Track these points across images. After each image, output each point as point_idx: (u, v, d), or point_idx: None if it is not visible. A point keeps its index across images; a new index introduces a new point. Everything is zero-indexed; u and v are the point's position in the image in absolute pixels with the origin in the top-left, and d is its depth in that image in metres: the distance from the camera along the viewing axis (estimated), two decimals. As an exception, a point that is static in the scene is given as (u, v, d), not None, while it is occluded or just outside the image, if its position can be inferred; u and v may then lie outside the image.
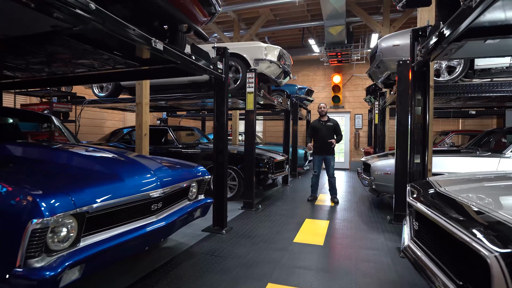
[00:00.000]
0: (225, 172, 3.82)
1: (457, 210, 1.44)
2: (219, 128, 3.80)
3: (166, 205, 2.54)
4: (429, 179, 2.43)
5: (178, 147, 6.02)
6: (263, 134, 13.41)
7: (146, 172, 2.36)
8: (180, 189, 2.75)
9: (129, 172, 2.26)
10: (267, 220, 4.33)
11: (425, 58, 2.76)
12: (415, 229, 1.80)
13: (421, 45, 2.78)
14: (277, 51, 5.65)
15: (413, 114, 3.12)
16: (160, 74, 3.70)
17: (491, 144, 5.66)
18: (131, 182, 2.14)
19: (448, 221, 1.33)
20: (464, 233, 1.23)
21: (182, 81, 6.05)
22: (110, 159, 2.53)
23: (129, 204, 2.05)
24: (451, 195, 1.63)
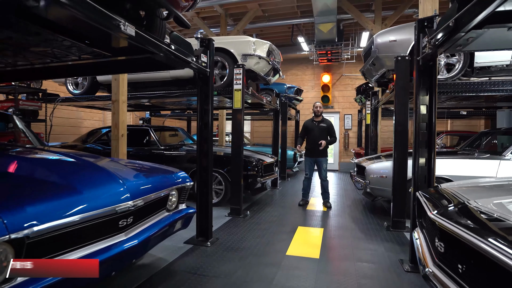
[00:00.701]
0: (210, 177, 3.44)
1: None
2: (203, 128, 3.42)
3: (139, 219, 2.14)
4: (445, 187, 2.12)
5: (160, 149, 5.60)
6: (251, 134, 13.06)
7: (112, 181, 1.96)
8: (157, 199, 2.36)
9: (90, 182, 1.85)
10: (256, 229, 3.97)
11: (434, 50, 2.46)
12: (440, 251, 1.48)
13: (430, 36, 2.49)
14: (266, 46, 5.30)
15: (418, 113, 2.83)
16: (137, 67, 3.30)
17: (487, 146, 5.48)
18: (92, 195, 1.74)
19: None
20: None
21: (164, 77, 5.63)
22: (70, 166, 2.12)
23: (88, 223, 1.65)
24: (494, 213, 1.31)
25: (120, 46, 2.50)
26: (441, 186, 2.25)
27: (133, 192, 2.01)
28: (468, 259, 1.25)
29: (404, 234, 3.83)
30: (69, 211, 1.55)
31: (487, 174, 4.29)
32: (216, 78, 5.24)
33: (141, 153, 5.70)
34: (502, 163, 4.32)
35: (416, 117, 2.90)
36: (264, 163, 5.49)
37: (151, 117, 10.35)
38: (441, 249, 1.47)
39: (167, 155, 5.53)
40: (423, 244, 1.87)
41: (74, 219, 1.54)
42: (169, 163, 5.45)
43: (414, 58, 2.89)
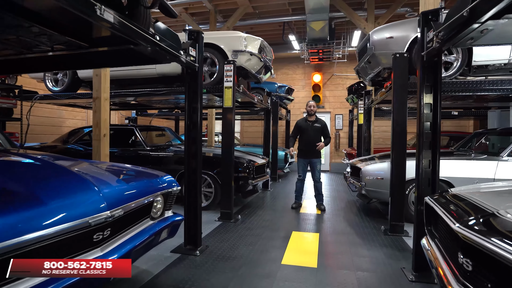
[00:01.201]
0: (199, 180, 3.19)
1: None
2: (191, 127, 3.17)
3: (118, 230, 1.89)
4: (458, 192, 1.94)
5: (145, 150, 5.30)
6: (241, 135, 12.81)
7: (86, 188, 1.70)
8: (139, 207, 2.10)
9: (58, 190, 1.59)
10: (248, 235, 3.74)
11: (442, 44, 2.29)
12: (466, 269, 1.28)
13: (437, 29, 2.32)
14: (258, 42, 5.08)
15: (422, 112, 2.66)
16: (119, 61, 3.03)
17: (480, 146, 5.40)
18: (59, 206, 1.48)
19: None
20: None
21: (150, 74, 5.34)
22: (36, 171, 1.85)
23: (53, 239, 1.40)
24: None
25: (98, 35, 2.24)
26: (451, 191, 2.07)
27: (111, 201, 1.75)
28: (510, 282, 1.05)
29: (403, 239, 3.67)
30: (29, 226, 1.29)
31: (485, 175, 4.18)
32: (205, 75, 4.98)
33: (126, 154, 5.40)
34: (500, 164, 4.22)
35: (419, 116, 2.72)
36: (255, 164, 5.26)
37: (138, 117, 10.00)
38: (468, 267, 1.27)
39: (153, 156, 5.24)
40: (439, 257, 1.67)
41: (34, 236, 1.28)
42: (155, 164, 5.18)
43: (417, 54, 2.71)
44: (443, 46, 2.33)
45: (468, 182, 4.21)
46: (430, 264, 1.76)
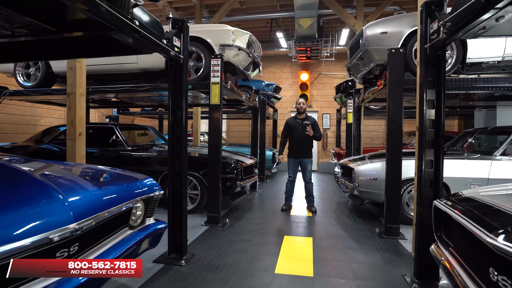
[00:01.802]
0: (184, 183, 2.92)
1: None
2: (176, 125, 2.90)
3: (89, 245, 1.62)
4: (474, 195, 1.76)
5: (126, 150, 4.97)
6: (227, 134, 12.53)
7: (47, 197, 1.42)
8: (115, 216, 1.83)
9: (13, 201, 1.31)
10: (238, 240, 3.49)
11: (449, 35, 2.12)
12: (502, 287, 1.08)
13: (444, 19, 2.14)
14: (246, 36, 4.84)
15: (424, 109, 2.49)
16: (94, 50, 2.73)
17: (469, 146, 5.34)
18: (12, 220, 1.20)
19: None
20: None
21: (132, 69, 5.01)
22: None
23: (6, 260, 1.12)
24: None
25: (67, 17, 1.94)
26: (463, 194, 1.89)
27: (79, 210, 1.48)
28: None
29: (399, 242, 3.51)
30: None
31: (479, 175, 4.09)
32: (191, 71, 4.71)
33: (105, 155, 5.05)
34: (494, 164, 4.14)
35: (421, 113, 2.56)
36: (243, 164, 5.02)
37: (119, 115, 9.58)
38: (506, 287, 1.08)
39: (135, 156, 4.92)
40: (458, 270, 1.48)
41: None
42: (137, 165, 4.86)
43: (420, 47, 2.54)
44: (450, 37, 2.16)
45: (462, 182, 4.12)
46: (447, 277, 1.57)
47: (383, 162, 4.31)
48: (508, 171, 4.05)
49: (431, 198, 2.56)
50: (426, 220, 2.54)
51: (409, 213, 4.17)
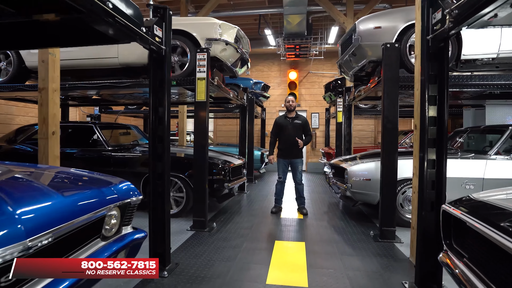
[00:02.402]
0: (166, 187, 2.67)
1: None
2: (157, 123, 2.65)
3: (48, 263, 1.35)
4: (488, 199, 1.59)
5: (107, 150, 4.66)
6: (214, 133, 12.26)
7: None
8: (83, 226, 1.58)
9: None
10: (226, 247, 3.26)
11: (456, 24, 1.95)
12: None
13: (451, 7, 1.98)
14: (234, 31, 4.60)
15: (425, 106, 2.33)
16: (65, 39, 2.45)
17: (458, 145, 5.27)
18: None
19: None
20: None
21: (112, 64, 4.70)
22: None
23: None
24: None
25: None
26: (475, 197, 1.72)
27: (32, 224, 1.22)
28: None
29: (395, 246, 3.35)
30: None
31: (474, 175, 3.98)
32: (175, 66, 4.44)
33: (83, 156, 4.73)
34: (488, 163, 4.05)
35: (422, 110, 2.39)
36: (231, 165, 4.79)
37: (101, 114, 9.17)
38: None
39: (116, 157, 4.61)
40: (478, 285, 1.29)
41: None
42: (118, 167, 4.57)
43: (422, 38, 2.36)
44: (456, 27, 1.99)
45: (457, 182, 4.00)
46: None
47: (377, 162, 4.15)
48: (503, 171, 3.97)
49: (433, 200, 2.39)
50: (428, 225, 2.38)
51: (404, 215, 4.03)
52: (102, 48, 4.59)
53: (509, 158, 4.01)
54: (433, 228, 2.37)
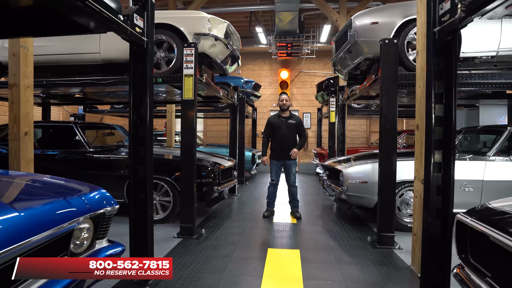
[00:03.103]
0: (149, 193, 2.42)
1: None
2: (139, 123, 2.39)
3: None
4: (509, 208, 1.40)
5: (88, 152, 4.36)
6: (204, 134, 11.98)
7: None
8: (43, 245, 1.33)
9: None
10: (215, 256, 3.02)
11: (469, 14, 1.77)
12: None
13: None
14: (224, 26, 4.37)
15: (432, 104, 2.15)
16: (32, 27, 2.18)
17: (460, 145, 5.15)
18: None
19: None
20: None
21: (94, 60, 4.40)
22: None
23: None
24: None
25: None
26: (493, 206, 1.54)
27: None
28: None
29: (394, 253, 3.17)
30: None
31: (473, 177, 3.85)
32: (162, 62, 4.19)
33: (63, 158, 4.43)
34: (488, 164, 3.92)
35: (428, 109, 2.20)
36: (221, 167, 4.55)
37: (86, 113, 8.80)
38: None
39: (97, 159, 4.32)
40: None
41: None
42: (100, 169, 4.29)
43: (428, 30, 2.18)
44: (469, 16, 1.81)
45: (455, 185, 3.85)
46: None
47: (373, 164, 3.99)
48: (503, 173, 3.84)
49: (438, 207, 2.21)
50: (434, 233, 2.19)
51: (402, 218, 3.87)
52: (83, 43, 4.31)
53: (509, 159, 3.89)
54: (439, 236, 2.19)
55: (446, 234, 2.14)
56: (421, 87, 2.75)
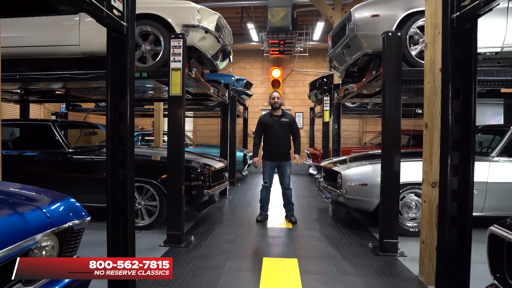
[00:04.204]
0: (129, 201, 2.12)
1: None
2: (117, 120, 2.10)
3: None
4: None
5: (66, 153, 4.01)
6: (194, 134, 11.65)
7: None
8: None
9: None
10: (205, 268, 2.74)
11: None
12: None
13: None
14: (215, 18, 4.09)
15: (449, 100, 1.93)
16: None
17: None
18: None
19: None
20: None
21: (74, 53, 4.07)
22: None
23: None
24: None
25: None
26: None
27: None
28: None
29: (399, 261, 2.96)
30: None
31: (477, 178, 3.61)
32: (147, 56, 3.89)
33: (38, 159, 4.07)
34: (492, 165, 3.75)
35: (444, 105, 1.98)
36: (212, 169, 4.27)
37: (69, 112, 8.38)
38: None
39: (77, 161, 3.98)
40: None
41: None
42: (79, 172, 3.96)
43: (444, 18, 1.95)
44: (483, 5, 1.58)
45: (459, 187, 3.68)
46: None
47: (374, 165, 3.77)
48: (508, 174, 3.68)
49: (454, 214, 1.99)
50: (451, 244, 1.97)
51: (403, 222, 3.66)
52: (61, 34, 3.98)
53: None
54: (456, 247, 1.96)
55: (465, 245, 1.92)
56: (430, 82, 2.53)
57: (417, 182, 3.63)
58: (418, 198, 3.71)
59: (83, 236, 3.51)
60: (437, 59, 2.47)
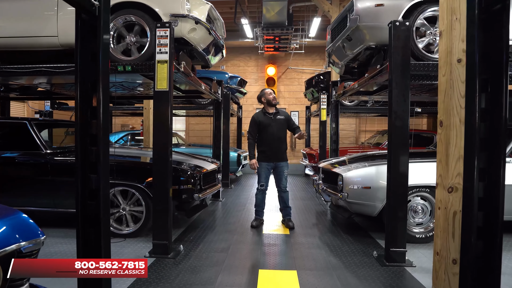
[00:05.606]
0: (103, 210, 1.81)
1: None
2: (89, 117, 1.79)
3: None
4: None
5: (44, 154, 3.66)
6: (186, 133, 11.31)
7: None
8: None
9: None
10: (195, 284, 2.44)
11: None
12: None
13: None
14: (206, 8, 3.79)
15: (476, 94, 1.66)
16: None
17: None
18: None
19: None
20: None
21: (52, 45, 3.72)
22: None
23: None
24: None
25: None
26: None
27: None
28: None
29: (408, 272, 2.70)
30: None
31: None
32: (132, 49, 3.57)
33: (12, 161, 3.73)
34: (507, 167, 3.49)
35: (470, 99, 1.71)
36: (203, 171, 3.96)
37: (54, 110, 7.99)
38: None
39: (55, 163, 3.64)
40: None
41: None
42: (58, 175, 3.64)
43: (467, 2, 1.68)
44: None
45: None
46: None
47: (378, 167, 3.51)
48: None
49: (479, 225, 1.72)
50: (477, 259, 1.70)
51: (409, 228, 3.39)
52: (37, 23, 3.64)
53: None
54: (483, 263, 1.70)
55: (494, 260, 1.66)
56: (446, 75, 2.26)
57: (424, 185, 3.38)
58: (424, 201, 3.46)
59: (61, 246, 3.17)
60: (454, 49, 2.20)
